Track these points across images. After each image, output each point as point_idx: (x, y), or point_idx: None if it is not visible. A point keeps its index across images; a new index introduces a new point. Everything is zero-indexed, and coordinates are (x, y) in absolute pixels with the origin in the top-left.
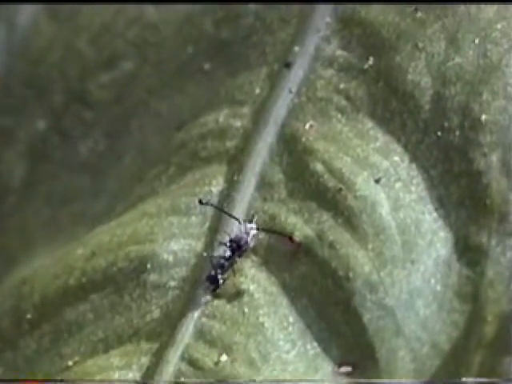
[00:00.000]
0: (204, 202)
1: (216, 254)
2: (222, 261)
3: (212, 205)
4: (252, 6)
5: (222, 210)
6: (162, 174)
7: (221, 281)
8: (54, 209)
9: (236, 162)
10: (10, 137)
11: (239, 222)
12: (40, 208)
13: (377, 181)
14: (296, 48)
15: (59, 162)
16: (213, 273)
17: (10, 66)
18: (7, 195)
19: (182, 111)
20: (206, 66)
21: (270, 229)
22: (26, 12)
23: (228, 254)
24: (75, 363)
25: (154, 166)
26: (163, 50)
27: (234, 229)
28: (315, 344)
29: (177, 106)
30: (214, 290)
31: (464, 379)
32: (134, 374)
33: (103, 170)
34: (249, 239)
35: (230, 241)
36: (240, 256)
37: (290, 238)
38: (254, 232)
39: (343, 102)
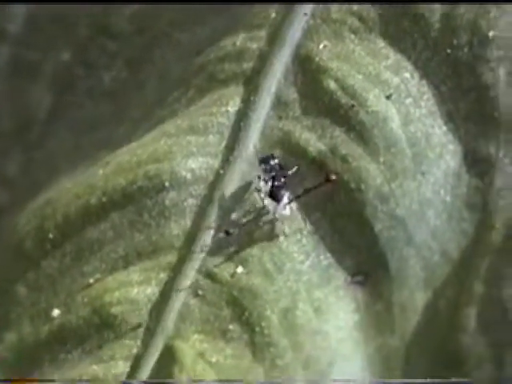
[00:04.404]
0: None
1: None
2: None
3: None
4: None
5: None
6: (182, 96)
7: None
8: (78, 137)
9: (252, 82)
10: (36, 70)
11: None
12: (65, 137)
13: (388, 97)
14: None
15: (83, 92)
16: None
17: (37, 2)
18: (33, 126)
19: (201, 39)
20: None
21: (306, 190)
22: None
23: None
24: (96, 280)
25: (173, 90)
26: None
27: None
28: (328, 255)
29: (197, 36)
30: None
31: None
32: (152, 289)
33: (126, 97)
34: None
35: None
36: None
37: (327, 179)
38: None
39: (356, 23)
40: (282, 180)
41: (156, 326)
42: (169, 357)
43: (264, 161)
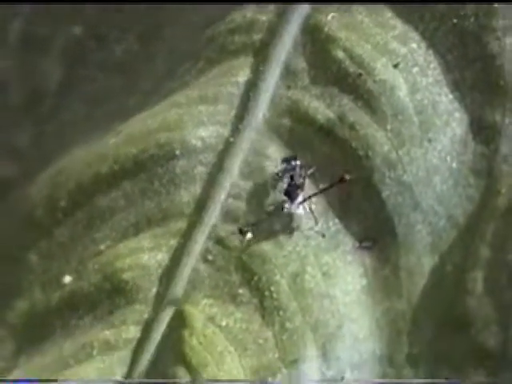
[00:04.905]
0: None
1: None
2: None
3: None
4: None
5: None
6: (192, 68)
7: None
8: (90, 109)
9: (261, 53)
10: (47, 43)
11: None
12: (76, 109)
13: (395, 66)
14: None
15: (95, 65)
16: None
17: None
18: (45, 99)
19: (212, 14)
20: None
21: (320, 190)
22: None
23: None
24: (107, 247)
25: (184, 62)
26: None
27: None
28: (337, 221)
29: (207, 14)
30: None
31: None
32: (163, 255)
33: (137, 70)
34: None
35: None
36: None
37: (341, 179)
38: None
39: None
40: (300, 180)
41: (166, 291)
42: (179, 321)
43: (286, 160)
